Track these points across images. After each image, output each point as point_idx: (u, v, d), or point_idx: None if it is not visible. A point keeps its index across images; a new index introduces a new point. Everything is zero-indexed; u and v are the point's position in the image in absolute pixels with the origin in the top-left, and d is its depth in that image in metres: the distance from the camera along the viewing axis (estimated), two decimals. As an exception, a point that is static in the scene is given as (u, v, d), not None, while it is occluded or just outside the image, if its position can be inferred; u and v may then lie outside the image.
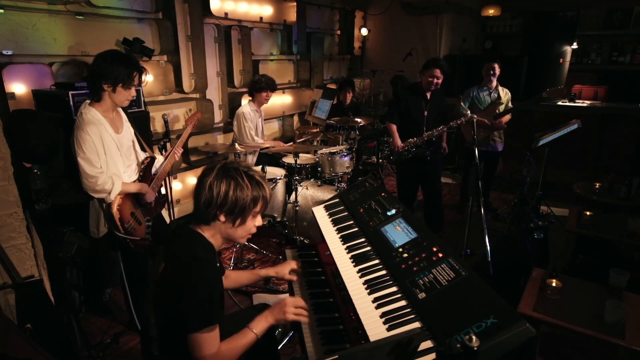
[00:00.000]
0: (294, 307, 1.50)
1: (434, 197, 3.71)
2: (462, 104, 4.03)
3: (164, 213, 2.63)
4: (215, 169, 1.42)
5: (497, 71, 4.08)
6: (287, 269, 1.85)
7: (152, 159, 2.43)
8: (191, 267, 1.35)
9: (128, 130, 2.33)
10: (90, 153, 2.07)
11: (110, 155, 2.16)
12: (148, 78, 3.67)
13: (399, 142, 3.53)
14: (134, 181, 2.33)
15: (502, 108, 4.10)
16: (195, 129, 2.76)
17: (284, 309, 1.49)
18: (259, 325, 1.47)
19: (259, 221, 1.50)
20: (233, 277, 1.87)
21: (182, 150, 2.62)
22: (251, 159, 4.09)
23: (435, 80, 3.35)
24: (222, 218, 1.41)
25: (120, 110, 2.32)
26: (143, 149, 2.47)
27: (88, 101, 2.17)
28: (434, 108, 3.49)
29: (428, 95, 3.46)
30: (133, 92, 2.20)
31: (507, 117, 4.05)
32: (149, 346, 2.34)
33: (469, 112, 3.69)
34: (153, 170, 2.44)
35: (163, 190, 2.65)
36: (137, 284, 2.41)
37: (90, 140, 2.07)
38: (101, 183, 2.08)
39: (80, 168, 2.07)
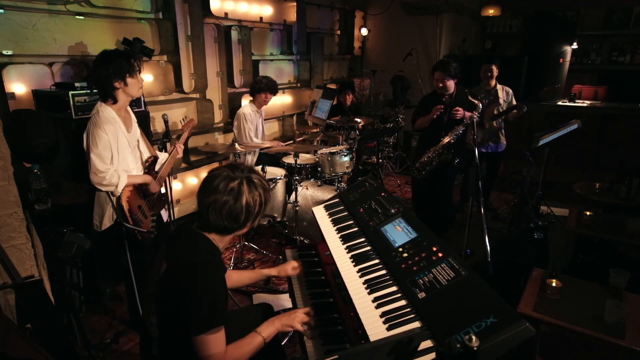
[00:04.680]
0: (303, 314, 1.54)
1: (435, 204, 3.61)
2: None
3: (163, 213, 2.66)
4: (222, 175, 1.40)
5: (495, 72, 4.06)
6: (289, 267, 1.88)
7: (155, 158, 2.51)
8: (195, 270, 1.34)
9: (136, 129, 2.41)
10: (103, 150, 2.14)
11: (122, 153, 2.24)
12: (148, 78, 3.67)
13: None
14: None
15: (502, 108, 4.10)
16: (190, 134, 2.88)
17: (293, 316, 1.53)
18: (267, 330, 1.49)
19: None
20: (235, 277, 1.88)
21: (183, 147, 2.71)
22: (250, 159, 4.09)
23: (439, 85, 3.23)
24: (226, 223, 1.42)
25: (130, 111, 2.40)
26: (147, 149, 2.55)
27: (101, 102, 2.23)
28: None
29: (445, 100, 3.30)
30: (140, 78, 2.28)
31: (514, 114, 4.00)
32: (149, 346, 2.35)
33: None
34: (157, 167, 2.53)
35: (163, 190, 2.70)
36: (140, 277, 2.45)
37: (106, 138, 2.14)
38: (109, 177, 2.16)
39: (92, 163, 2.13)
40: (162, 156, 2.61)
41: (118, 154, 2.21)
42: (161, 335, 1.48)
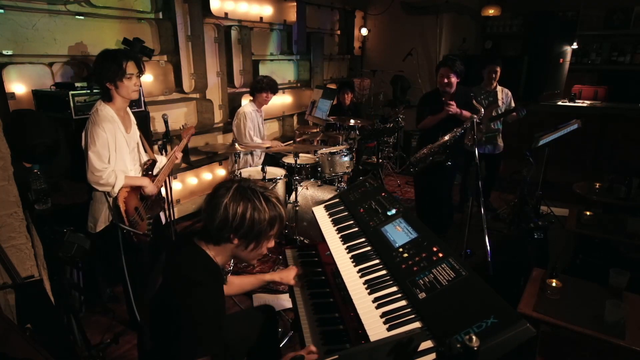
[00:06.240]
0: None
1: (436, 203, 3.60)
2: None
3: (161, 216, 2.66)
4: (232, 189, 1.33)
5: (499, 74, 4.06)
6: (292, 274, 1.85)
7: (154, 162, 2.49)
8: (189, 291, 1.26)
9: (135, 132, 2.40)
10: (101, 148, 2.13)
11: (119, 153, 2.23)
12: (148, 78, 3.67)
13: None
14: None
15: (500, 110, 4.09)
16: (189, 140, 2.85)
17: None
18: None
19: (272, 243, 1.44)
20: (237, 284, 1.86)
21: (182, 154, 2.70)
22: (257, 159, 4.07)
23: (444, 81, 3.23)
24: (236, 241, 1.34)
25: (130, 112, 2.39)
26: (145, 151, 2.53)
27: (101, 100, 2.23)
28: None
29: (445, 99, 3.26)
30: (135, 80, 2.22)
31: (513, 117, 4.00)
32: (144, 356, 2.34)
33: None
34: (155, 171, 2.50)
35: (162, 192, 2.69)
36: (137, 279, 2.42)
37: (104, 136, 2.14)
38: (105, 177, 2.14)
39: (89, 161, 2.12)
40: (161, 159, 2.59)
41: (116, 153, 2.21)
42: (155, 349, 1.42)
